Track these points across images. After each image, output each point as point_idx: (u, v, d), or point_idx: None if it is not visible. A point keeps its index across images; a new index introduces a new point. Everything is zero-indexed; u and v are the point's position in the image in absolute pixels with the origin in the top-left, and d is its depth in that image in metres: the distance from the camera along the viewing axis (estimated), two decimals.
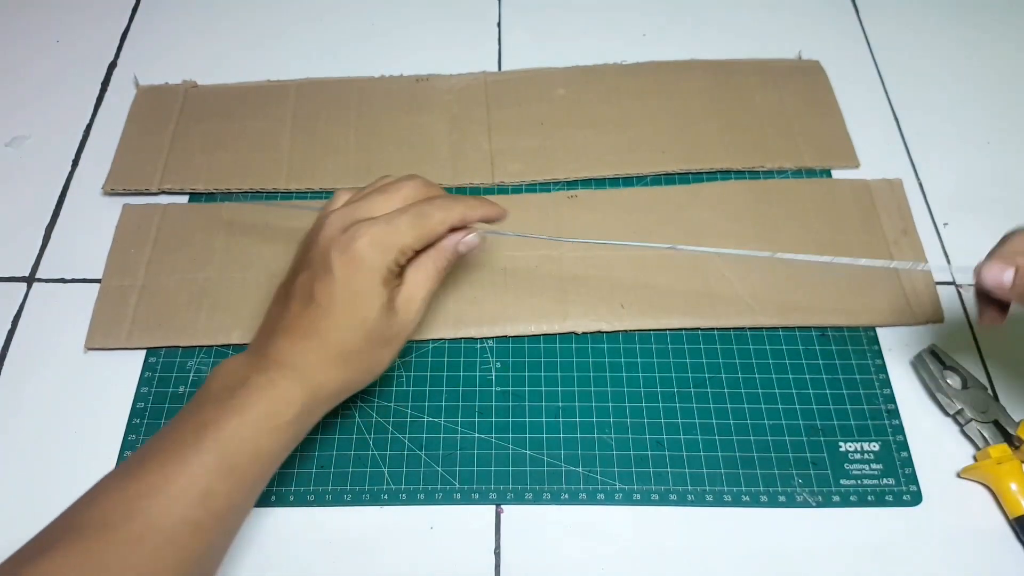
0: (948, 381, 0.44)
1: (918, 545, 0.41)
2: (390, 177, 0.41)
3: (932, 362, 0.45)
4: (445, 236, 0.39)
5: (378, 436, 0.45)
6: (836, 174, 0.55)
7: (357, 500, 0.43)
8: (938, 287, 0.49)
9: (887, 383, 0.46)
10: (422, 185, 0.39)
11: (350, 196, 0.40)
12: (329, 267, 0.36)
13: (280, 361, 0.36)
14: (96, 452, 0.44)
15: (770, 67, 0.60)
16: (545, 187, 0.54)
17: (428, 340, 0.48)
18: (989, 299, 0.37)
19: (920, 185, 0.54)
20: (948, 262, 0.51)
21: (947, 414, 0.45)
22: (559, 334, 0.48)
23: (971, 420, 0.43)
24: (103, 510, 0.32)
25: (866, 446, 0.44)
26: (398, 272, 0.37)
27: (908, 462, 0.43)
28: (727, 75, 0.59)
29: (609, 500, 0.43)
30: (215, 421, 0.34)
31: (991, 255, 0.36)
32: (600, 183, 0.54)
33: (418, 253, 0.38)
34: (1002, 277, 0.35)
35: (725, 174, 0.54)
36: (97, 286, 0.50)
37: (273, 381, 0.35)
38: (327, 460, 0.44)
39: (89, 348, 0.47)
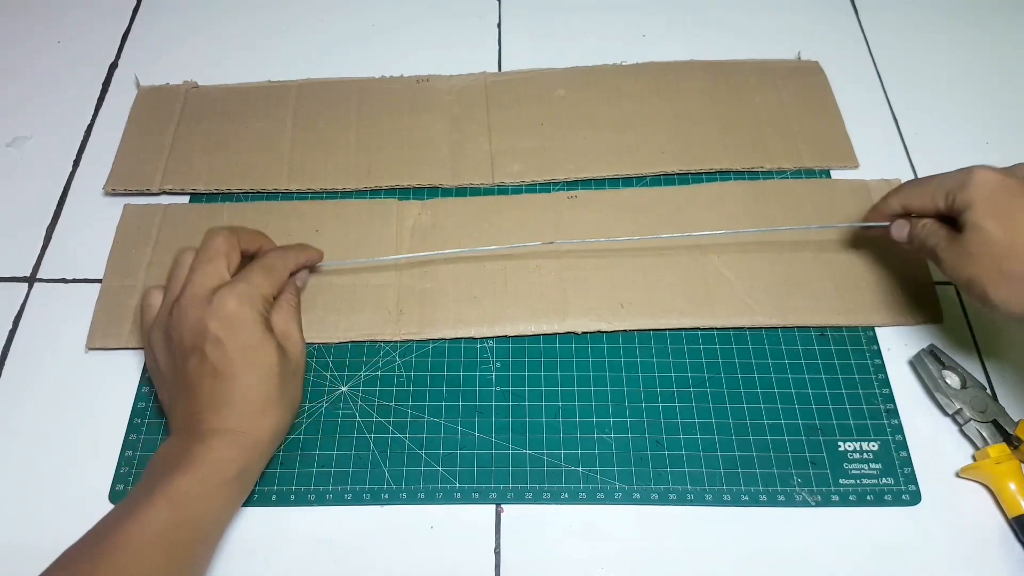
0: (947, 381, 0.45)
1: (917, 544, 0.41)
2: (188, 249, 0.43)
3: (931, 362, 0.45)
4: (287, 280, 0.45)
5: (378, 436, 0.45)
6: (835, 174, 0.55)
7: (357, 500, 0.43)
8: (937, 287, 0.49)
9: (886, 383, 0.46)
10: (227, 234, 0.43)
11: (162, 287, 0.43)
12: (215, 337, 0.39)
13: (212, 430, 0.38)
14: (97, 452, 0.44)
15: (770, 67, 0.60)
16: (545, 187, 0.54)
17: (428, 340, 0.48)
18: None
19: None
20: None
21: (946, 414, 0.45)
22: (559, 334, 0.48)
23: (970, 420, 0.43)
24: (70, 572, 0.34)
25: (865, 446, 0.44)
26: (268, 318, 0.41)
27: (907, 462, 0.44)
28: (727, 76, 0.59)
29: (609, 500, 0.43)
30: (165, 484, 0.36)
31: (889, 203, 0.45)
32: (600, 183, 0.54)
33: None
34: (902, 233, 0.44)
35: (724, 174, 0.54)
36: (98, 286, 0.50)
37: (212, 447, 0.37)
38: (327, 460, 0.44)
39: (90, 348, 0.48)
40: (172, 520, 0.35)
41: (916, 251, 0.44)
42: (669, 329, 0.48)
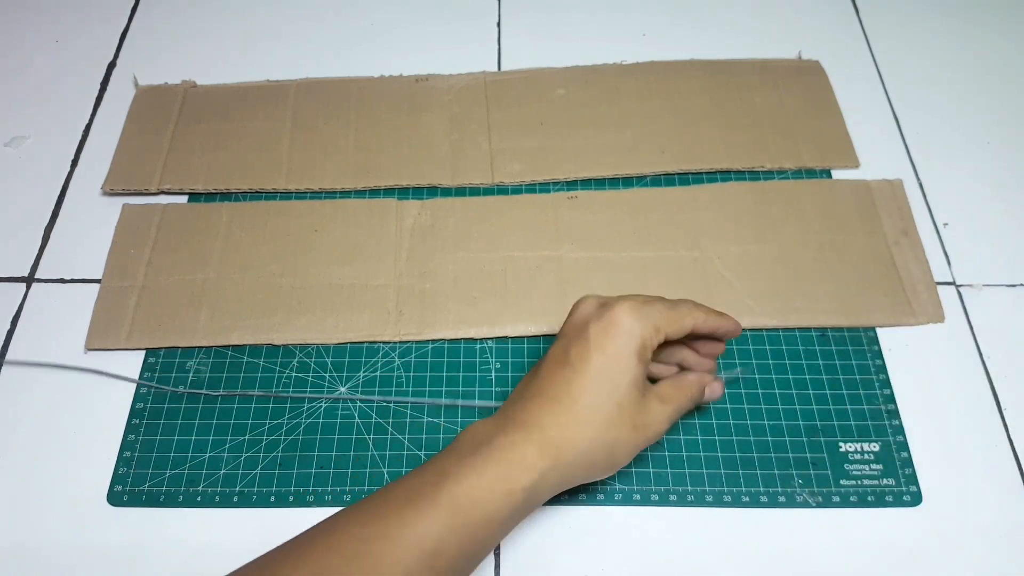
0: None
1: (918, 545, 0.41)
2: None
3: None
4: (693, 378, 0.40)
5: (378, 436, 0.44)
6: (836, 174, 0.55)
7: (357, 500, 0.42)
8: (939, 287, 0.49)
9: (887, 383, 0.46)
10: (698, 315, 0.40)
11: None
12: (586, 333, 0.37)
13: (524, 422, 0.36)
14: (95, 452, 0.44)
15: (770, 67, 0.60)
16: (545, 187, 0.54)
17: (428, 340, 0.48)
18: None
19: (920, 185, 0.54)
20: (948, 263, 0.51)
21: None
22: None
23: None
24: (335, 542, 0.33)
25: (866, 446, 0.44)
26: (649, 357, 0.38)
27: (908, 462, 0.43)
28: (727, 75, 0.59)
29: (609, 500, 0.42)
30: (455, 475, 0.34)
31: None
32: (600, 183, 0.54)
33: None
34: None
35: (725, 174, 0.54)
36: (96, 286, 0.50)
37: (515, 443, 0.35)
38: (326, 461, 0.44)
39: (89, 349, 0.47)
40: (450, 523, 0.33)
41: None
42: None
